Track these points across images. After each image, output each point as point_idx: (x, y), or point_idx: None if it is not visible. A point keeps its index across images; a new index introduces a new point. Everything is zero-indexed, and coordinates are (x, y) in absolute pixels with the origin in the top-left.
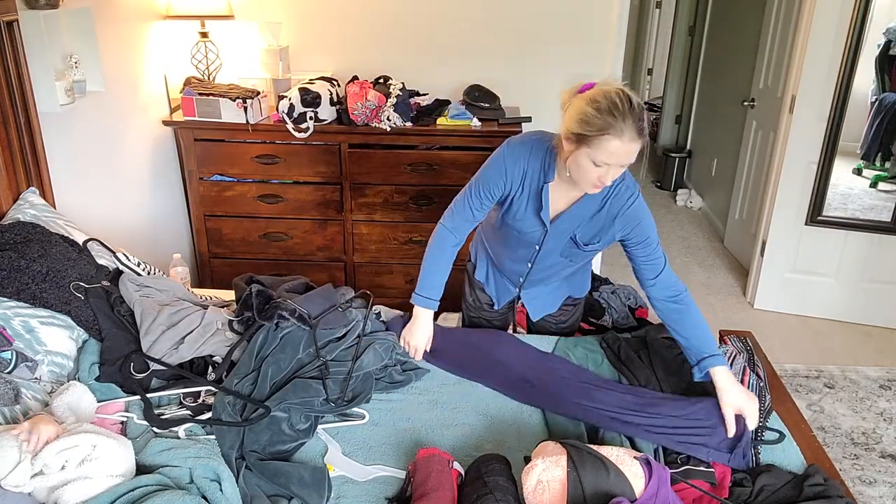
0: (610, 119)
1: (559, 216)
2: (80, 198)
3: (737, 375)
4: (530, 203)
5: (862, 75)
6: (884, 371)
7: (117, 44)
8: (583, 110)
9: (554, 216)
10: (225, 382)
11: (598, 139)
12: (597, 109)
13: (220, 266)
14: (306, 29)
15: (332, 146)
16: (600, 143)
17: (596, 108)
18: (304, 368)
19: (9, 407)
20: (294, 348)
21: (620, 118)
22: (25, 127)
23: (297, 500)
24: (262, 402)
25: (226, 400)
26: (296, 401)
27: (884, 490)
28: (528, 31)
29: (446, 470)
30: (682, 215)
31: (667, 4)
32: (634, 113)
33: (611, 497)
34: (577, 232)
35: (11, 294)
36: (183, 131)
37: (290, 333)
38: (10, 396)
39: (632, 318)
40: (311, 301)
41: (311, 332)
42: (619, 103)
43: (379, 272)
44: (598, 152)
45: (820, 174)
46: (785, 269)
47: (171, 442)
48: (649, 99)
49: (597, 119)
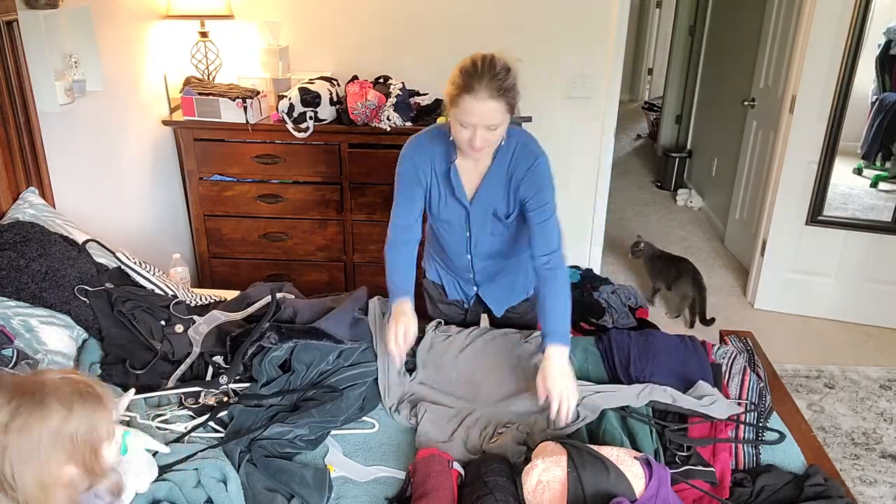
0: (465, 79)
1: (475, 195)
2: (80, 198)
3: (737, 375)
4: (444, 188)
5: (862, 75)
6: (884, 371)
7: (117, 44)
8: (451, 74)
9: (471, 196)
10: (250, 387)
11: (458, 99)
12: (459, 70)
13: (220, 266)
14: (306, 29)
15: (331, 146)
16: (459, 102)
17: (458, 70)
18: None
19: None
20: (323, 356)
21: (476, 78)
22: (25, 127)
23: (297, 499)
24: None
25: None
26: (317, 420)
27: (884, 490)
28: (528, 31)
29: (446, 470)
30: (683, 215)
31: (667, 4)
32: (492, 72)
33: (611, 497)
34: (495, 206)
35: (11, 294)
36: (183, 131)
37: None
38: None
39: (632, 317)
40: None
41: (341, 349)
42: (476, 64)
43: (379, 272)
44: (459, 111)
45: (820, 174)
46: (785, 269)
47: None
48: (649, 99)
49: (457, 79)
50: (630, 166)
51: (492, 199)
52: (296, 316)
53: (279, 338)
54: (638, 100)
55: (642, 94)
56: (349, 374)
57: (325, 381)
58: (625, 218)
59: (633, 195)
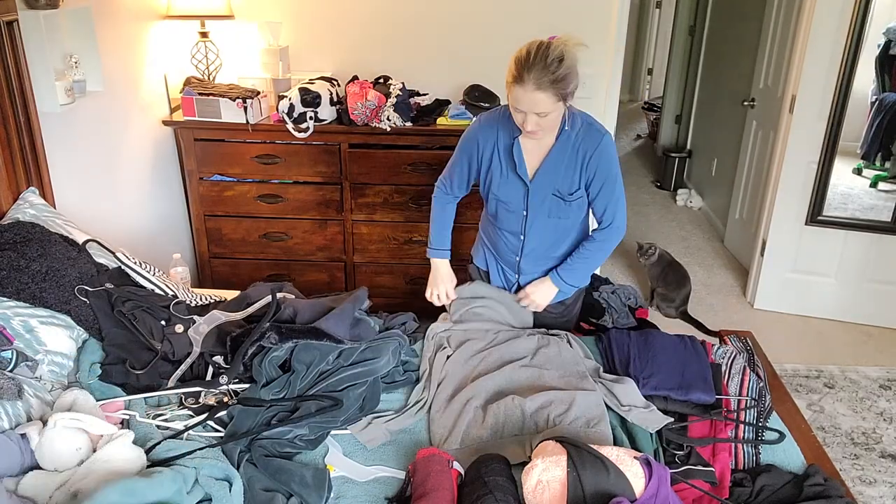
0: (517, 69)
1: (536, 173)
2: (80, 197)
3: (737, 375)
4: (506, 163)
5: (862, 75)
6: (884, 371)
7: (117, 44)
8: (511, 59)
9: (532, 174)
10: (250, 388)
11: (511, 86)
12: (514, 58)
13: (220, 266)
14: (306, 29)
15: (332, 146)
16: (511, 91)
17: (515, 58)
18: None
19: (11, 402)
20: (323, 356)
21: (525, 69)
22: (25, 127)
23: (295, 498)
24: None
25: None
26: (317, 420)
27: (884, 490)
28: (528, 31)
29: (446, 470)
30: (682, 215)
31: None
32: (543, 63)
33: (611, 497)
34: (557, 185)
35: (11, 294)
36: (183, 131)
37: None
38: (14, 391)
39: (632, 317)
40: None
41: (340, 349)
42: (528, 55)
43: (379, 272)
44: (512, 98)
45: (820, 174)
46: (785, 268)
47: (177, 442)
48: (649, 99)
49: (512, 68)
50: (630, 166)
51: (555, 177)
52: (296, 316)
53: (279, 338)
54: (638, 100)
55: (642, 94)
56: (349, 374)
57: (325, 381)
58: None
59: (632, 195)
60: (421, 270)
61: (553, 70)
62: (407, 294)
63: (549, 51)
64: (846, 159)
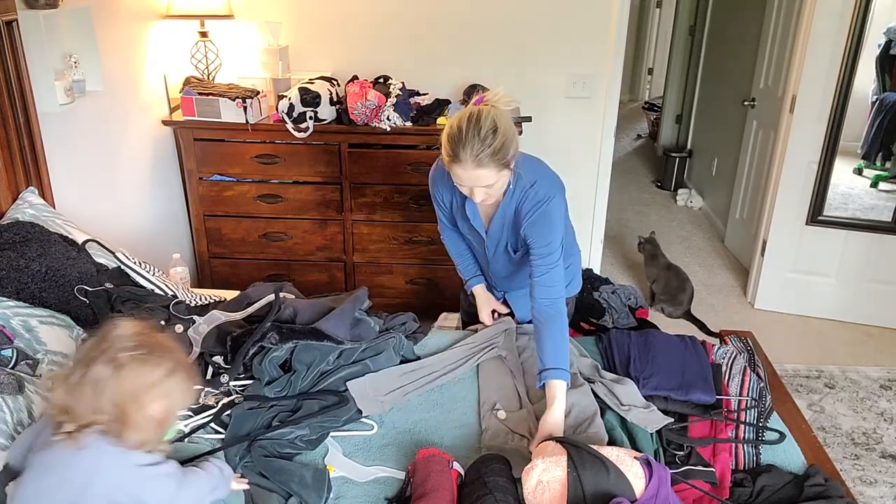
0: (452, 148)
1: (490, 227)
2: (80, 197)
3: (737, 376)
4: (463, 215)
5: (862, 75)
6: (884, 371)
7: (117, 43)
8: (443, 136)
9: (487, 227)
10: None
11: (449, 166)
12: (447, 136)
13: (220, 266)
14: (306, 29)
15: (331, 146)
16: (451, 169)
17: (447, 136)
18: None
19: (12, 397)
20: (323, 357)
21: (460, 147)
22: (25, 127)
23: (295, 498)
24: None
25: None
26: (319, 420)
27: (884, 490)
28: (528, 31)
29: (446, 470)
30: (683, 215)
31: (667, 4)
32: (477, 138)
33: (611, 497)
34: (507, 240)
35: (11, 293)
36: (182, 131)
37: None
38: (14, 386)
39: (632, 317)
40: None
41: (341, 349)
42: (460, 131)
43: (379, 272)
44: (453, 176)
45: (820, 174)
46: (785, 268)
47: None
48: (649, 99)
49: (447, 146)
50: (630, 166)
51: (501, 231)
52: (296, 316)
53: (280, 338)
54: (638, 100)
55: (642, 94)
56: (350, 372)
57: (326, 381)
58: (625, 218)
59: (633, 195)
60: (421, 271)
61: (489, 143)
62: (407, 294)
63: (482, 122)
64: (847, 159)
